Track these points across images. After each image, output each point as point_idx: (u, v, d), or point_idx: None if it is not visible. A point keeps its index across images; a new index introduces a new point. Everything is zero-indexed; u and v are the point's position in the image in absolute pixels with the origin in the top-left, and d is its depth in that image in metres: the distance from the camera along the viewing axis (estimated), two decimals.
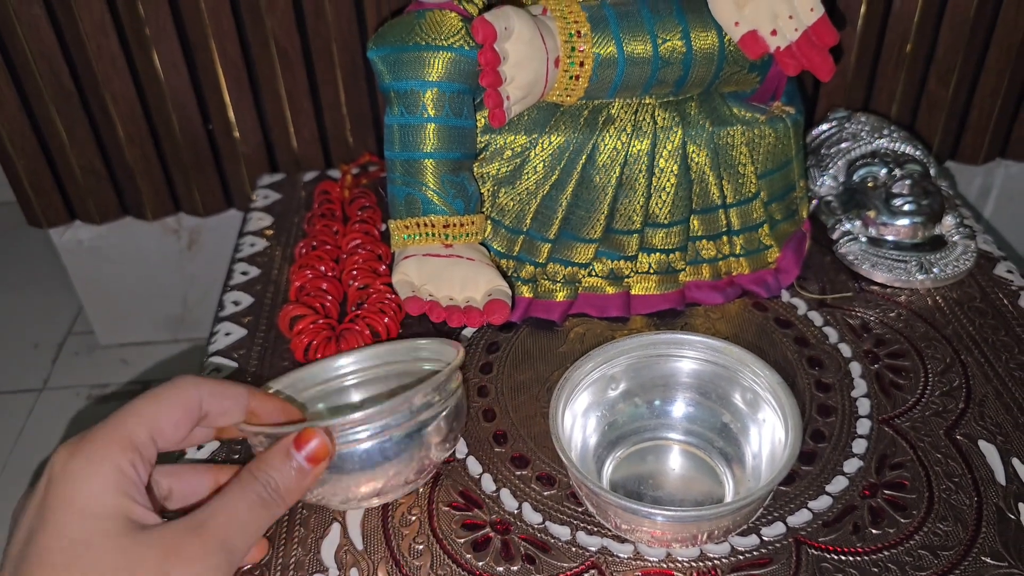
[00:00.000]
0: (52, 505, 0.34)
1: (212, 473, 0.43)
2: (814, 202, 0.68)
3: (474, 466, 0.50)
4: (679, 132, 0.55)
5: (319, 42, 0.79)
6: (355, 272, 0.62)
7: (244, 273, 0.67)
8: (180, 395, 0.39)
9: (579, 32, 0.51)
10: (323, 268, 0.63)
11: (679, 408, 0.50)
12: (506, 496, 0.48)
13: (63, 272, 0.96)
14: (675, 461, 0.50)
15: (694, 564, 0.44)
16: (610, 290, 0.60)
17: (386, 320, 0.58)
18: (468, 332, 0.59)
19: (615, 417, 0.50)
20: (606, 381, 0.49)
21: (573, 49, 0.51)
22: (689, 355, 0.49)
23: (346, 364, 0.53)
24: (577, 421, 0.48)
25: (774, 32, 0.52)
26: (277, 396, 0.47)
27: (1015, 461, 0.49)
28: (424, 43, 0.51)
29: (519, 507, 0.47)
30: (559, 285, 0.59)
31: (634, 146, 0.55)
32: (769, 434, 0.46)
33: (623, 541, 0.45)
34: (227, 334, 0.61)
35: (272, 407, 0.43)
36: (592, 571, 0.44)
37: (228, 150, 0.85)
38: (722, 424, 0.49)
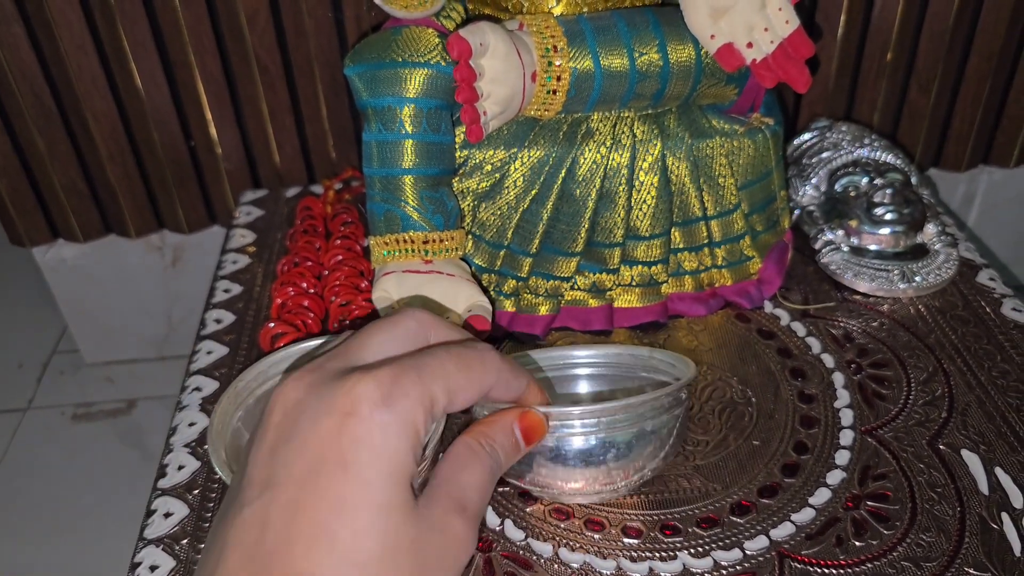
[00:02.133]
0: (358, 456, 0.30)
1: None
2: (796, 212, 0.69)
3: None
4: (658, 144, 0.55)
5: (300, 58, 0.78)
6: (337, 288, 0.62)
7: (226, 291, 0.67)
8: (486, 374, 0.35)
9: (556, 47, 0.51)
10: (305, 285, 0.63)
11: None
12: (488, 513, 0.48)
13: (47, 291, 0.95)
14: None
15: None
16: (593, 303, 0.60)
17: None
18: None
19: None
20: None
21: (550, 64, 0.51)
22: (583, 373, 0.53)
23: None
24: None
25: (750, 44, 0.52)
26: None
27: (998, 470, 0.49)
28: (401, 59, 0.51)
29: (501, 524, 0.47)
30: (542, 299, 0.59)
31: (613, 159, 0.55)
32: None
33: (606, 557, 0.45)
34: (209, 352, 0.61)
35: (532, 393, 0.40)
36: None
37: (210, 167, 0.85)
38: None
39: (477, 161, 0.56)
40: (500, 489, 0.49)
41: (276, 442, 0.32)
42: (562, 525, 0.47)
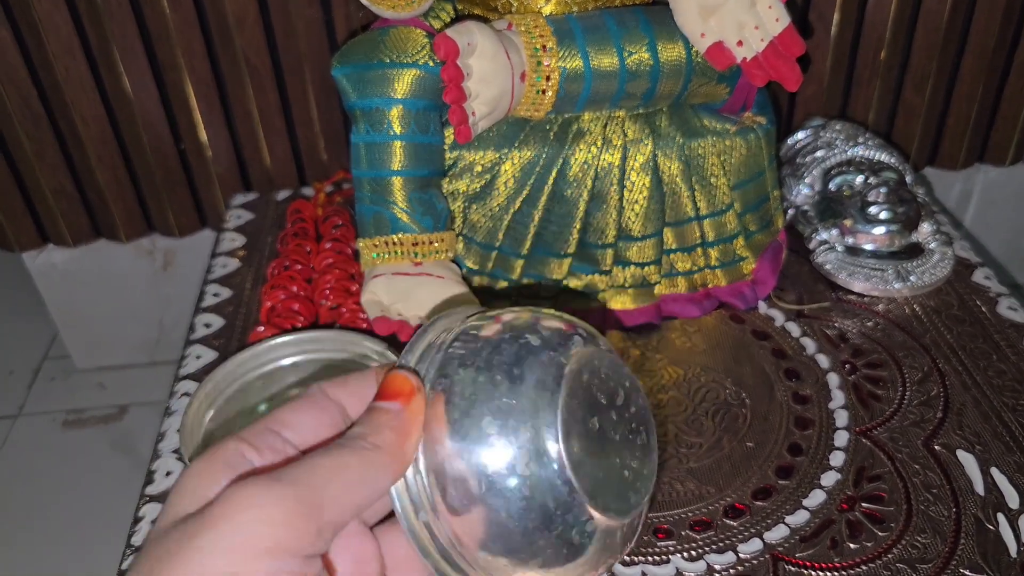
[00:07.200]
0: None
1: None
2: (790, 211, 0.68)
3: None
4: (649, 144, 0.54)
5: (290, 59, 0.78)
6: (327, 292, 0.61)
7: (216, 295, 0.66)
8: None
9: (545, 46, 0.50)
10: (295, 288, 0.62)
11: None
12: None
13: (37, 297, 0.95)
14: None
15: None
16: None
17: None
18: None
19: None
20: None
21: (539, 63, 0.50)
22: None
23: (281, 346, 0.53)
24: None
25: (740, 43, 0.51)
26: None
27: (994, 471, 0.48)
28: (389, 60, 0.51)
29: None
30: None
31: (604, 159, 0.54)
32: None
33: None
34: (198, 357, 0.60)
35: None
36: None
37: (201, 170, 0.84)
38: None
39: (467, 162, 0.55)
40: None
41: None
42: None
